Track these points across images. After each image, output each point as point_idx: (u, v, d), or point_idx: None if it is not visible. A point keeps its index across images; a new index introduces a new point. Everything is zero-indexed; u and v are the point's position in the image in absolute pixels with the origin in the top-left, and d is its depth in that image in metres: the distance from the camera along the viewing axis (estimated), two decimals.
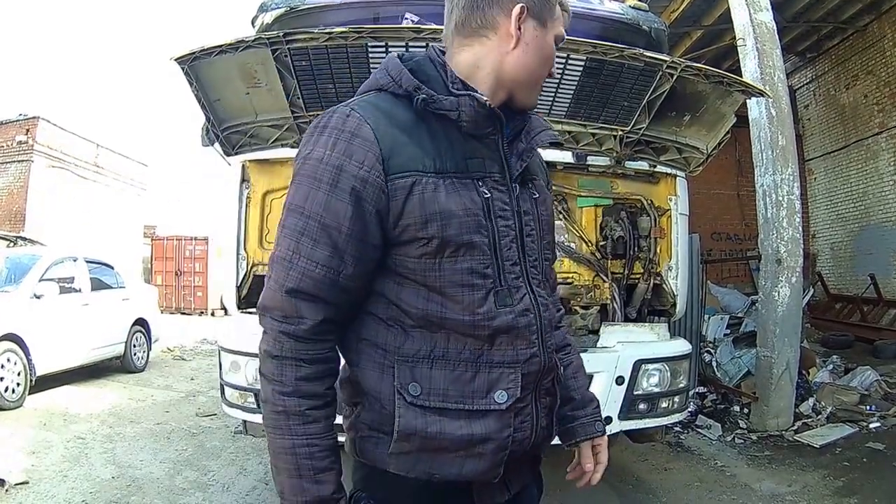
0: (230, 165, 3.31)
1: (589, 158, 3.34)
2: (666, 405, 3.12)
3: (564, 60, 2.90)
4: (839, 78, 9.99)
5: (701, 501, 3.80)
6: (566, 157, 3.29)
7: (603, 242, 3.47)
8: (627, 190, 3.50)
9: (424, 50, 1.12)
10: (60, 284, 6.72)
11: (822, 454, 4.48)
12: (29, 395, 5.97)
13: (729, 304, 7.48)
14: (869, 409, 5.21)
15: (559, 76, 2.92)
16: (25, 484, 3.77)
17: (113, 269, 8.16)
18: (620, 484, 3.99)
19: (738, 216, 10.61)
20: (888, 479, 3.97)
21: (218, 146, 3.16)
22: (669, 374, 3.09)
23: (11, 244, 9.53)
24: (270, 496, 3.74)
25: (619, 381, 2.99)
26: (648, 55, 2.87)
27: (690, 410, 5.00)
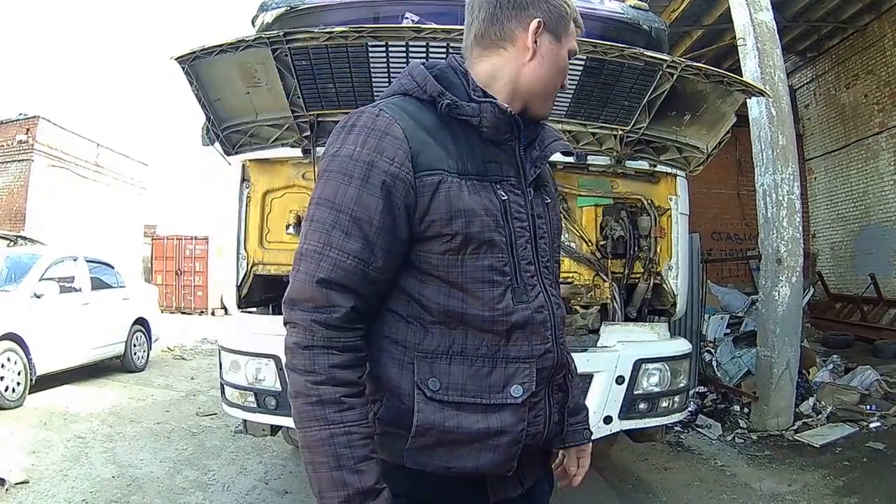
0: (230, 165, 3.31)
1: (589, 158, 3.34)
2: (666, 405, 3.12)
3: None
4: (839, 77, 9.99)
5: (701, 501, 3.80)
6: (566, 156, 3.29)
7: (603, 242, 3.47)
8: (628, 189, 3.50)
9: (445, 59, 1.17)
10: (61, 284, 6.71)
11: (822, 454, 4.49)
12: (29, 394, 5.97)
13: (729, 303, 7.49)
14: (869, 408, 5.21)
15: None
16: (26, 483, 3.77)
17: (113, 268, 8.16)
18: (620, 483, 4.00)
19: (738, 216, 10.61)
20: (888, 478, 3.97)
21: (218, 146, 3.16)
22: (669, 373, 3.08)
23: (11, 243, 9.54)
24: (270, 496, 3.75)
25: (619, 380, 2.99)
26: (649, 55, 2.87)
27: (690, 410, 5.00)
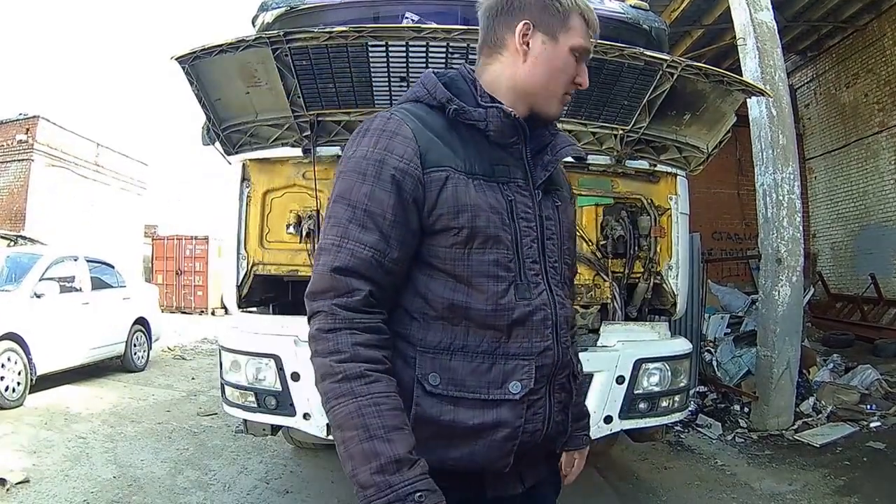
0: (230, 165, 3.30)
1: (589, 157, 3.33)
2: (666, 404, 3.11)
3: None
4: (839, 77, 9.99)
5: (701, 500, 3.80)
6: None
7: (603, 241, 3.47)
8: (628, 189, 3.49)
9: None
10: (61, 284, 6.71)
11: (822, 453, 4.49)
12: (29, 394, 5.97)
13: (729, 303, 7.48)
14: (869, 408, 5.21)
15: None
16: (26, 483, 3.78)
17: (113, 268, 8.16)
18: (620, 483, 4.00)
19: (738, 215, 10.60)
20: (889, 478, 3.97)
21: (218, 145, 3.16)
22: (670, 373, 3.08)
23: (12, 243, 9.53)
24: (271, 495, 3.75)
25: (619, 380, 2.98)
26: (649, 54, 2.87)
27: (691, 410, 5.00)
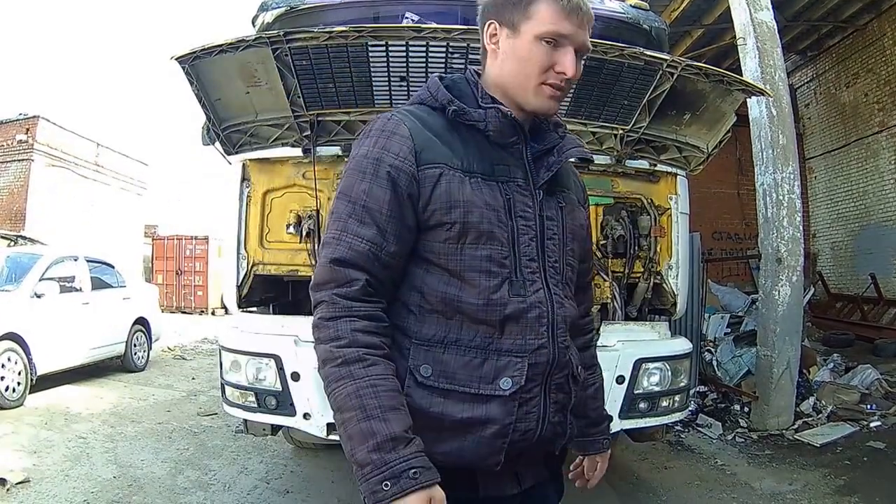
0: (230, 164, 3.30)
1: None
2: (666, 404, 3.11)
3: None
4: (839, 76, 9.99)
5: (701, 500, 3.80)
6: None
7: (603, 241, 3.46)
8: (628, 189, 3.49)
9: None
10: (61, 283, 6.71)
11: (822, 453, 4.49)
12: (29, 394, 5.97)
13: (729, 303, 7.48)
14: (869, 407, 5.21)
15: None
16: (26, 483, 3.78)
17: (113, 268, 8.16)
18: (621, 483, 4.00)
19: (738, 215, 10.59)
20: (889, 477, 3.97)
21: (218, 145, 3.16)
22: (670, 373, 3.08)
23: (12, 243, 9.52)
24: (272, 495, 3.75)
25: (619, 380, 2.98)
26: (649, 54, 2.86)
27: (691, 409, 5.00)
